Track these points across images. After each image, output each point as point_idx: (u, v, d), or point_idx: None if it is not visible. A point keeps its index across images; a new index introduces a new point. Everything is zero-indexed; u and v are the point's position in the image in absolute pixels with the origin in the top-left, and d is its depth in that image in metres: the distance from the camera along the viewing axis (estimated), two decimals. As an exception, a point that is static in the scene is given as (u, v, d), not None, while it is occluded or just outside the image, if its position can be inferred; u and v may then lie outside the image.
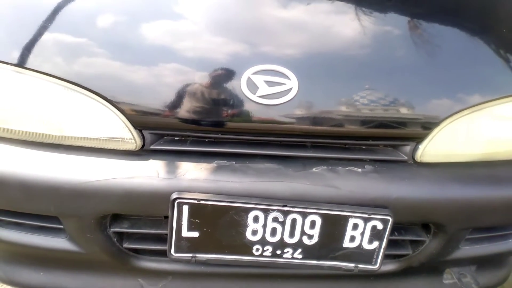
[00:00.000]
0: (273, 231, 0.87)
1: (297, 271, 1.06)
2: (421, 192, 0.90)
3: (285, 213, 0.85)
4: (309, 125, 0.89)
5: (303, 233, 0.88)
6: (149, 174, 0.85)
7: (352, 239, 0.89)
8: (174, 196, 0.83)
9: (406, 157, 0.95)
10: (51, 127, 0.88)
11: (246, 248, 0.89)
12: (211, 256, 0.91)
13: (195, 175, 0.85)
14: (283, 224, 0.86)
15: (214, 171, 0.86)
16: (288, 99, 0.85)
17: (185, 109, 0.86)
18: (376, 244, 0.90)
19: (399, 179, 0.90)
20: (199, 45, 0.88)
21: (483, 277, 1.19)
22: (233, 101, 0.85)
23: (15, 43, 0.86)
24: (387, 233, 0.88)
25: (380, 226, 0.87)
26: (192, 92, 0.85)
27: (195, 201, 0.83)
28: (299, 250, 0.90)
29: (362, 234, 0.88)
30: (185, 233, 0.87)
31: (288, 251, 0.90)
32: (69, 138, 0.89)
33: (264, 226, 0.86)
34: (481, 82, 0.95)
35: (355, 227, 0.88)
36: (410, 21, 0.96)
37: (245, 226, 0.86)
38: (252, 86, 0.84)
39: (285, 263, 0.92)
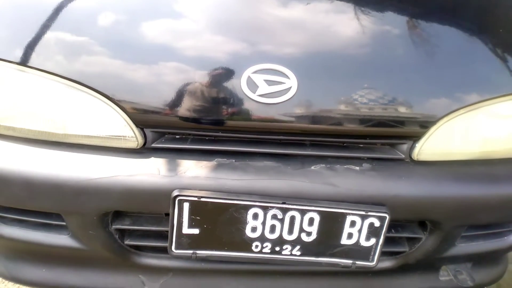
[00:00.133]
0: (272, 228, 0.88)
1: (296, 267, 1.07)
2: (417, 190, 0.91)
3: (284, 211, 0.86)
4: (308, 124, 0.89)
5: (301, 230, 0.88)
6: (150, 171, 0.85)
7: (349, 236, 0.90)
8: (175, 193, 0.83)
9: (403, 156, 0.96)
10: (54, 125, 0.89)
11: (245, 244, 0.90)
12: (211, 252, 0.92)
13: (195, 173, 0.86)
14: (282, 221, 0.87)
15: (214, 169, 0.87)
16: (287, 98, 0.85)
17: (186, 108, 0.86)
18: (373, 241, 0.91)
19: (396, 177, 0.91)
20: (200, 44, 0.88)
21: (478, 274, 1.19)
22: (233, 99, 0.86)
23: (18, 42, 0.87)
24: (384, 230, 0.89)
25: (377, 223, 0.88)
26: (193, 91, 0.86)
27: (196, 199, 0.84)
28: (298, 247, 0.91)
29: (359, 231, 0.89)
30: (185, 230, 0.88)
31: (287, 248, 0.91)
32: (71, 136, 0.90)
33: (263, 223, 0.87)
34: (478, 81, 0.95)
35: (353, 224, 0.88)
36: (408, 21, 0.97)
37: (245, 223, 0.87)
38: (252, 85, 0.85)
39: (284, 260, 0.93)
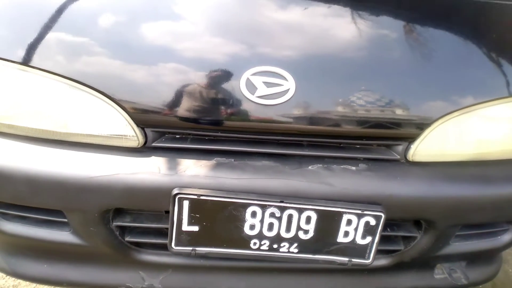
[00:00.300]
0: (270, 226, 0.89)
1: (294, 265, 1.08)
2: (412, 190, 0.92)
3: (282, 209, 0.87)
4: (305, 125, 0.90)
5: (299, 228, 0.90)
6: (151, 170, 0.86)
7: (346, 234, 0.91)
8: (175, 191, 0.84)
9: (398, 156, 0.97)
10: (56, 124, 0.90)
11: (244, 242, 0.91)
12: (210, 249, 0.93)
13: (195, 172, 0.87)
14: (279, 219, 0.88)
15: (213, 168, 0.88)
16: (285, 100, 0.87)
17: (186, 109, 0.87)
18: (369, 239, 0.92)
19: (391, 177, 0.92)
20: (200, 46, 0.89)
21: (473, 272, 1.20)
22: (233, 101, 0.87)
23: (20, 42, 0.87)
24: (380, 228, 0.90)
25: (373, 222, 0.89)
26: (193, 92, 0.87)
27: (195, 197, 0.85)
28: (295, 244, 0.92)
29: (355, 229, 0.90)
30: (185, 227, 0.89)
31: (284, 245, 0.92)
32: (73, 135, 0.91)
33: (261, 221, 0.88)
34: (472, 84, 0.96)
35: (349, 222, 0.90)
36: (404, 25, 0.98)
37: (243, 221, 0.88)
38: (251, 86, 0.86)
39: (281, 257, 0.94)
